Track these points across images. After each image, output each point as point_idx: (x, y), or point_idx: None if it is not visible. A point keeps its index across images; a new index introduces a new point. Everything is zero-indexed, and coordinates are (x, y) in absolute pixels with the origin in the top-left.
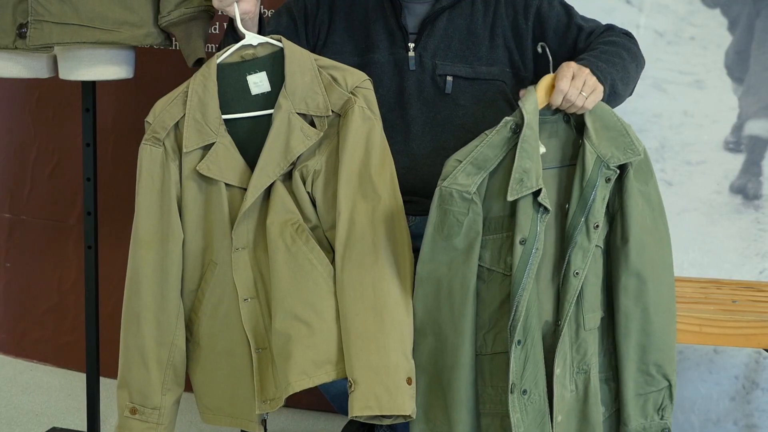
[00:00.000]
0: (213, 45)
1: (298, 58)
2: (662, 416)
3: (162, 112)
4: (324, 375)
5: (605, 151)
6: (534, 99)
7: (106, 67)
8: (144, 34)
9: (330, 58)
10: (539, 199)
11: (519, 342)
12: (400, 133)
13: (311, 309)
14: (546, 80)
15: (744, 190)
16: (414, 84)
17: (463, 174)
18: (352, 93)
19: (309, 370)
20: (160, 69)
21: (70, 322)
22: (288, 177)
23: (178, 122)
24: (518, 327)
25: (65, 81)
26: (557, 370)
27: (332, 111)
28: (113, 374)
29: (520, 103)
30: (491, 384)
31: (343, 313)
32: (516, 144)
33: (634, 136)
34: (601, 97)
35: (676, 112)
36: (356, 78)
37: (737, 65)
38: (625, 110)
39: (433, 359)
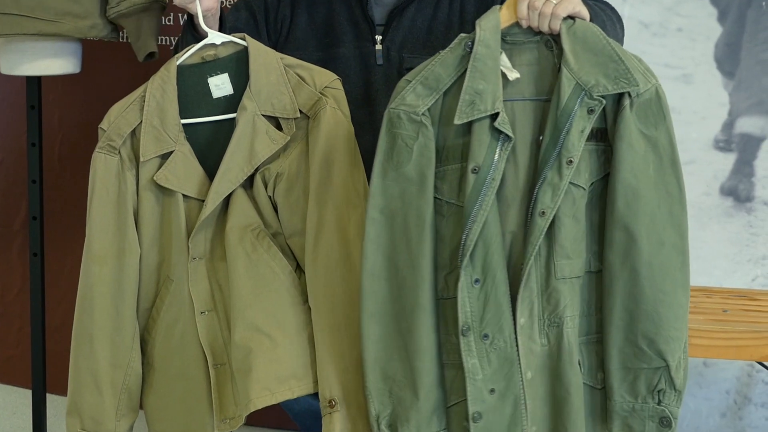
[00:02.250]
0: (167, 38)
1: (263, 57)
2: (659, 400)
3: (117, 118)
4: (287, 391)
5: (587, 78)
6: (495, 16)
7: (50, 60)
8: (89, 25)
9: (292, 55)
10: (497, 124)
11: (477, 281)
12: (368, 131)
13: (273, 320)
14: None
15: (735, 191)
16: (381, 79)
17: (413, 94)
18: (321, 93)
19: (271, 386)
20: (110, 63)
21: (15, 335)
22: (249, 182)
23: (134, 129)
24: (466, 261)
25: (8, 76)
26: (521, 320)
27: (300, 112)
28: (61, 391)
29: (477, 20)
30: (455, 332)
31: (316, 328)
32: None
33: (639, 67)
34: (577, 9)
35: None
36: (325, 78)
37: (728, 58)
38: None
39: (389, 304)
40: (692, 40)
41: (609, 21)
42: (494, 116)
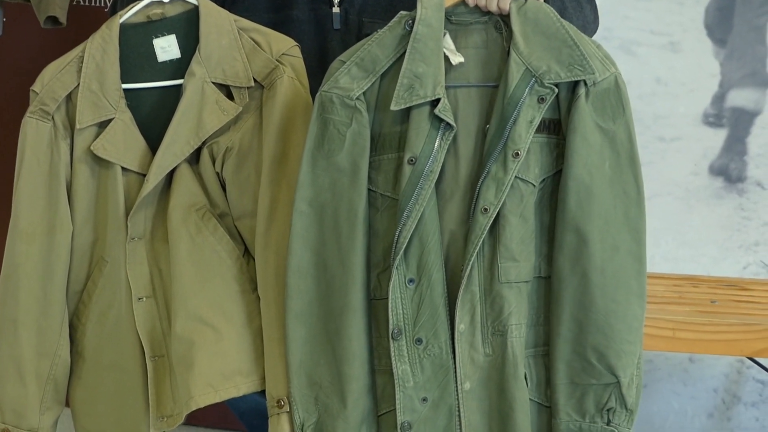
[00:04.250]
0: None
1: (215, 18)
2: (609, 420)
3: (52, 81)
4: (233, 388)
5: (538, 64)
6: None
7: None
8: None
9: (240, 17)
10: (437, 111)
11: (411, 281)
12: None
13: (218, 310)
14: None
15: (726, 171)
16: (338, 45)
17: (347, 77)
18: (278, 61)
19: (215, 382)
20: (32, 26)
21: None
22: (195, 156)
23: (71, 93)
24: (399, 260)
25: None
26: (461, 326)
27: (254, 81)
28: None
29: None
30: (387, 335)
31: (265, 320)
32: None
33: (596, 53)
34: None
35: (647, 80)
36: (283, 44)
37: (719, 24)
38: None
39: (317, 305)
40: (680, 3)
41: (572, 1)
42: (435, 103)
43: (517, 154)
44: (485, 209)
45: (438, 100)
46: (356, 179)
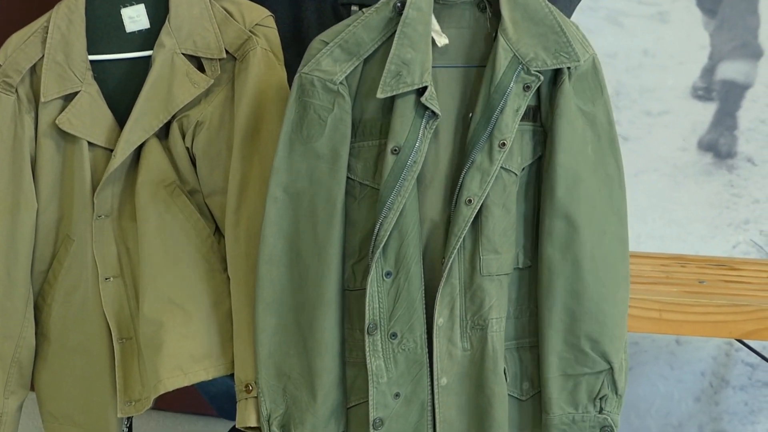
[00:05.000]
0: None
1: None
2: (601, 408)
3: (15, 52)
4: (202, 372)
5: (526, 51)
6: None
7: None
8: None
9: None
10: (423, 99)
11: (389, 274)
12: None
13: (188, 291)
14: None
15: (715, 146)
16: (313, 14)
17: (329, 59)
18: (251, 32)
19: (184, 365)
20: None
21: None
22: (165, 131)
23: (35, 65)
24: (378, 253)
25: None
26: (439, 320)
27: (226, 52)
28: None
29: None
30: (360, 327)
31: (235, 302)
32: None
33: (577, 36)
34: None
35: (634, 52)
36: (256, 14)
37: None
38: None
39: (288, 294)
40: None
41: None
42: (421, 90)
43: (504, 143)
44: (469, 200)
45: (425, 88)
46: (336, 167)
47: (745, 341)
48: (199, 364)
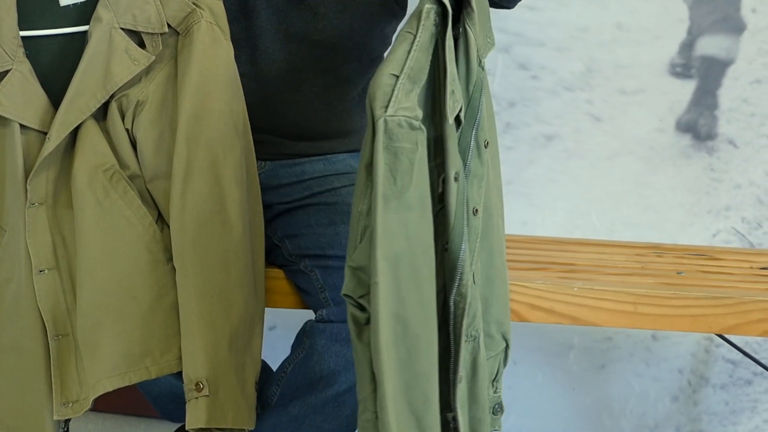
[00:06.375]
0: None
1: None
2: (496, 389)
3: None
4: (144, 370)
5: (480, 42)
6: None
7: None
8: None
9: None
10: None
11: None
12: (245, 51)
13: (128, 283)
14: None
15: (694, 127)
16: None
17: (406, 94)
18: (195, 4)
19: (125, 364)
20: None
21: None
22: (103, 112)
23: None
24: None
25: None
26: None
27: (169, 26)
28: None
29: None
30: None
31: (182, 294)
32: (437, 42)
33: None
34: None
35: (607, 25)
36: None
37: None
38: (540, 23)
39: (399, 374)
40: None
41: None
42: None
43: (487, 143)
44: (476, 210)
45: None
46: (425, 214)
47: (726, 336)
48: (139, 364)
